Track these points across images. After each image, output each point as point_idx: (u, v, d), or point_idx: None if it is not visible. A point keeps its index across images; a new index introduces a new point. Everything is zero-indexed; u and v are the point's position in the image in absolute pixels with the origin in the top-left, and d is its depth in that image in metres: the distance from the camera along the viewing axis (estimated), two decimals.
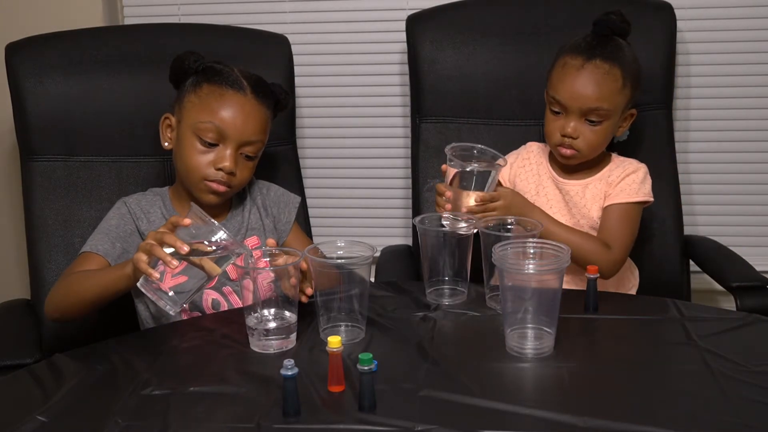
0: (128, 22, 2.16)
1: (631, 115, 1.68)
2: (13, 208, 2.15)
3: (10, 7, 2.07)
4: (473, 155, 1.54)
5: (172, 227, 1.25)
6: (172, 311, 1.24)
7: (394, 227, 2.23)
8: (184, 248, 1.20)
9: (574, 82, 1.60)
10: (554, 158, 1.72)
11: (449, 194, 1.49)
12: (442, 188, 1.52)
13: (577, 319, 1.34)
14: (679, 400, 1.10)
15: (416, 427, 1.03)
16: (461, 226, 1.41)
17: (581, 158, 1.65)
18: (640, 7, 1.88)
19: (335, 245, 1.32)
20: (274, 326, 1.25)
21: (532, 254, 1.27)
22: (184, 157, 1.52)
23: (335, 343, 1.11)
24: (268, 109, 1.57)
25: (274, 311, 1.27)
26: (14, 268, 2.19)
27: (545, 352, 1.22)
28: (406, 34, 1.94)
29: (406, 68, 1.98)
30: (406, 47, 1.95)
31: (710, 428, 1.03)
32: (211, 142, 1.50)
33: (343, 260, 1.29)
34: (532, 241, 1.29)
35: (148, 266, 1.21)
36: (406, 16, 1.96)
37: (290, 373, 1.05)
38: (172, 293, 1.23)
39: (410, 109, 1.99)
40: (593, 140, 1.62)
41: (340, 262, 1.29)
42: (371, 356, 1.06)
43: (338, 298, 1.27)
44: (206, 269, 1.24)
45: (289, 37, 1.90)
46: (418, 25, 1.94)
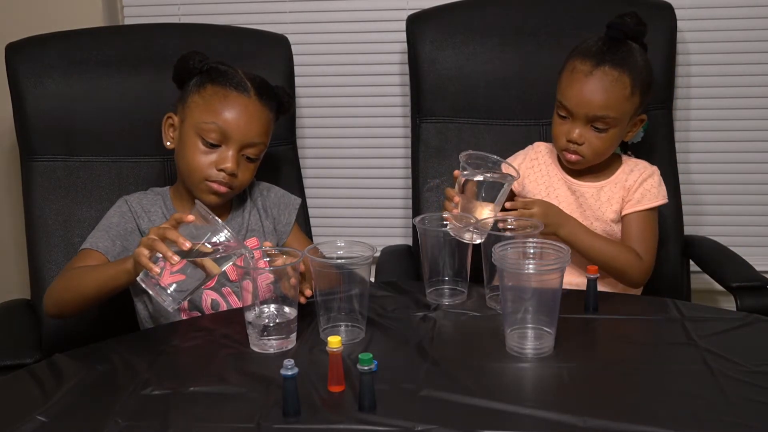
0: (128, 22, 2.16)
1: (640, 120, 1.66)
2: (13, 208, 2.15)
3: (10, 7, 2.07)
4: (487, 166, 1.50)
5: (175, 224, 1.25)
6: (170, 308, 1.23)
7: (394, 227, 2.23)
8: (186, 245, 1.20)
9: (581, 88, 1.57)
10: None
11: (458, 200, 1.45)
12: (451, 193, 1.47)
13: (577, 319, 1.34)
14: (679, 400, 1.10)
15: (416, 427, 1.03)
16: (466, 236, 1.39)
17: (586, 164, 1.65)
18: (640, 7, 1.88)
19: (335, 245, 1.32)
20: (273, 326, 1.25)
21: (532, 254, 1.27)
22: (186, 156, 1.52)
23: (335, 343, 1.11)
24: (271, 111, 1.57)
25: (274, 311, 1.27)
26: (14, 268, 2.19)
27: (545, 352, 1.22)
28: (406, 34, 1.94)
29: (406, 68, 1.98)
30: (406, 47, 1.95)
31: (710, 428, 1.03)
32: (213, 142, 1.50)
33: (343, 260, 1.29)
34: (532, 241, 1.29)
35: (149, 261, 1.20)
36: (406, 16, 1.95)
37: (290, 373, 1.05)
38: (171, 290, 1.23)
39: (410, 109, 1.99)
40: (599, 147, 1.61)
41: (340, 262, 1.29)
42: (371, 356, 1.06)
43: (338, 298, 1.27)
44: (206, 268, 1.24)
45: (289, 37, 1.90)
46: (418, 25, 1.93)
